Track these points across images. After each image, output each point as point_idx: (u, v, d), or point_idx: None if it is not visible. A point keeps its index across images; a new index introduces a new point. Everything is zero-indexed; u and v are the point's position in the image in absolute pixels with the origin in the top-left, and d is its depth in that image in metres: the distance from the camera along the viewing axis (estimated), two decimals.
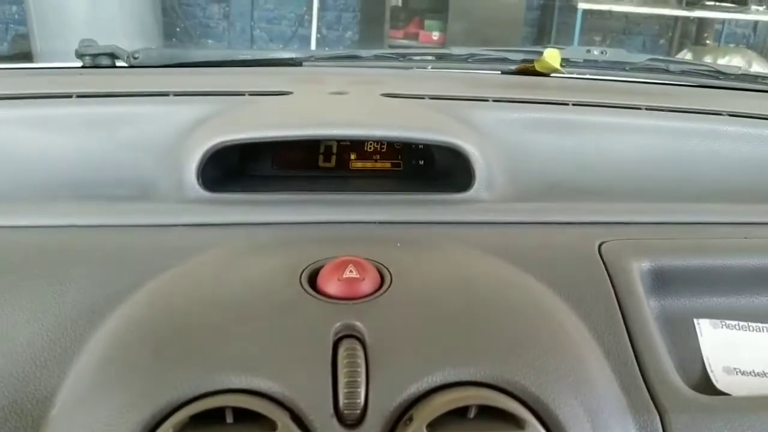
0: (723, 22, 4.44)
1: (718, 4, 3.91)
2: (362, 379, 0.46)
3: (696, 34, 4.41)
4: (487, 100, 0.82)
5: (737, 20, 4.45)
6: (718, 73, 1.00)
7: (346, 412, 0.45)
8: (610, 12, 4.13)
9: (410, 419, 0.45)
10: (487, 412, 0.46)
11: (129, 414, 0.44)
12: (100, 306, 0.53)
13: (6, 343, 0.51)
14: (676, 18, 4.29)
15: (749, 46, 4.55)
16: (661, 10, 4.02)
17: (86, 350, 0.50)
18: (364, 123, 0.74)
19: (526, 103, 0.83)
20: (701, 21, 4.25)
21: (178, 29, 4.28)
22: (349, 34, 4.66)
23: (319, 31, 4.39)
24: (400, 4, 4.43)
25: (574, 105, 0.84)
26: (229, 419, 0.44)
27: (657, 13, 4.13)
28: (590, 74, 1.03)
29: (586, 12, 3.97)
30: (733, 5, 3.91)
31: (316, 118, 0.75)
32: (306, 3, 4.45)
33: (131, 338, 0.50)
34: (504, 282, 0.57)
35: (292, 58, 0.99)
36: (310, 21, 4.34)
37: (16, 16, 4.12)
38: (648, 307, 0.59)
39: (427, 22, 4.36)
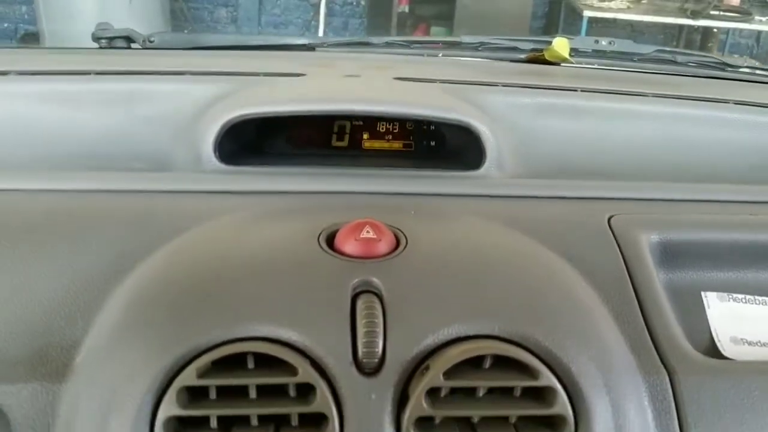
0: (727, 32, 4.46)
1: (722, 14, 3.93)
2: (380, 330, 0.47)
3: (700, 43, 4.42)
4: (497, 85, 0.84)
5: (741, 31, 4.47)
6: (724, 65, 1.02)
7: (364, 360, 0.46)
8: (614, 20, 4.15)
9: (427, 368, 0.46)
10: (502, 363, 0.47)
11: (154, 359, 0.45)
12: (123, 263, 0.54)
13: (30, 297, 0.52)
14: (681, 27, 4.31)
15: (753, 57, 4.56)
16: (665, 19, 4.03)
17: (110, 303, 0.51)
18: (378, 100, 0.75)
19: (535, 88, 0.84)
20: (705, 31, 4.27)
21: (185, 31, 4.31)
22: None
23: (326, 36, 4.41)
24: (407, 10, 4.46)
25: (582, 91, 0.85)
26: (251, 365, 0.46)
27: (662, 23, 4.15)
28: (598, 64, 1.05)
29: (591, 20, 3.99)
30: (738, 15, 3.93)
31: (330, 94, 0.77)
32: (313, 9, 4.48)
33: (155, 290, 0.51)
34: (517, 247, 0.58)
35: (304, 44, 1.00)
36: (317, 27, 4.36)
37: (26, 16, 4.16)
38: (657, 279, 0.60)
39: (433, 29, 4.38)
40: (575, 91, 0.85)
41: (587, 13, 3.93)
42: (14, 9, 4.19)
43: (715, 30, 4.20)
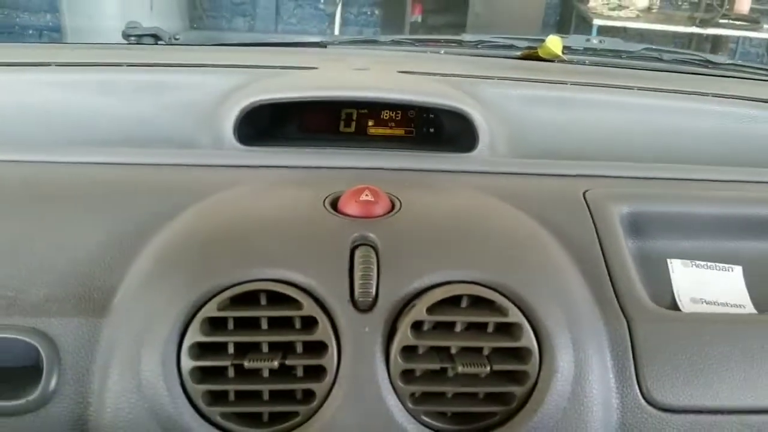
0: (737, 41, 4.51)
1: (732, 22, 3.97)
2: (374, 275, 0.55)
3: (710, 52, 4.47)
4: (492, 79, 0.92)
5: (751, 40, 4.52)
6: (707, 63, 1.08)
7: (360, 299, 0.54)
8: (624, 29, 4.21)
9: (413, 306, 0.54)
10: (478, 303, 0.55)
11: (181, 295, 0.54)
12: (153, 222, 0.63)
13: (76, 250, 0.61)
14: (690, 36, 4.36)
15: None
16: (675, 27, 4.09)
17: (143, 254, 0.59)
18: (383, 88, 0.83)
19: (528, 81, 0.92)
20: (715, 40, 4.31)
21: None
22: None
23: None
24: (419, 20, 4.55)
25: (571, 84, 0.93)
26: (263, 302, 0.54)
27: (671, 31, 4.20)
28: (589, 62, 1.12)
29: (601, 29, 4.06)
30: (746, 24, 3.98)
31: (340, 83, 0.85)
32: (328, 18, 4.60)
33: (182, 243, 0.59)
34: (499, 211, 0.66)
35: (317, 42, 1.09)
36: (332, 35, 4.47)
37: (50, 24, 4.30)
38: (625, 245, 0.67)
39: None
40: (565, 84, 0.92)
41: (597, 22, 3.99)
42: (39, 17, 4.34)
43: (724, 39, 4.25)
